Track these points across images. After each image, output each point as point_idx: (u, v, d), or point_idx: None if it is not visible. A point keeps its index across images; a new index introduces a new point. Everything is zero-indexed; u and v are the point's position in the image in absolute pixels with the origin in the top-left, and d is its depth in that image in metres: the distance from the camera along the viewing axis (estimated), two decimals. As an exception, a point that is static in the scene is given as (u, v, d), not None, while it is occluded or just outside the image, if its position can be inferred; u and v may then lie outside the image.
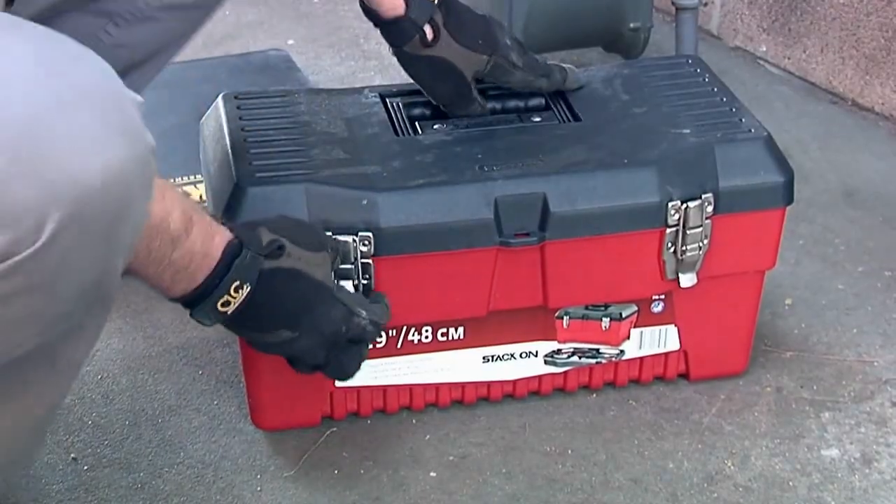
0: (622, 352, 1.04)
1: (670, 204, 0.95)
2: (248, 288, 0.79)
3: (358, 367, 0.90)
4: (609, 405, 1.04)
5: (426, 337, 0.99)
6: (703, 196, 0.96)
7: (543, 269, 0.96)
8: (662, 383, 1.06)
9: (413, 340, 0.99)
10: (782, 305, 1.16)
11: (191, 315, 0.80)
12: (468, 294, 0.96)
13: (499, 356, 1.02)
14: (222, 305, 0.79)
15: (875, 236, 1.27)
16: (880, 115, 1.49)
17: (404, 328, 0.98)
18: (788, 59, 1.59)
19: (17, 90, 0.55)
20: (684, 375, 1.06)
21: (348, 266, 0.91)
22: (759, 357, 1.09)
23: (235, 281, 0.78)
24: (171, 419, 1.03)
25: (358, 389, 1.00)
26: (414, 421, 1.02)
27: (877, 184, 1.36)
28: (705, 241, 0.98)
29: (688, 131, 1.00)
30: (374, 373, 0.99)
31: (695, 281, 0.98)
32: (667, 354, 1.05)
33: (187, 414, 1.03)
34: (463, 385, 1.03)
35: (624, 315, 1.02)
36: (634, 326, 1.03)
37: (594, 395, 1.05)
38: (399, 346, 0.99)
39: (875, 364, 1.09)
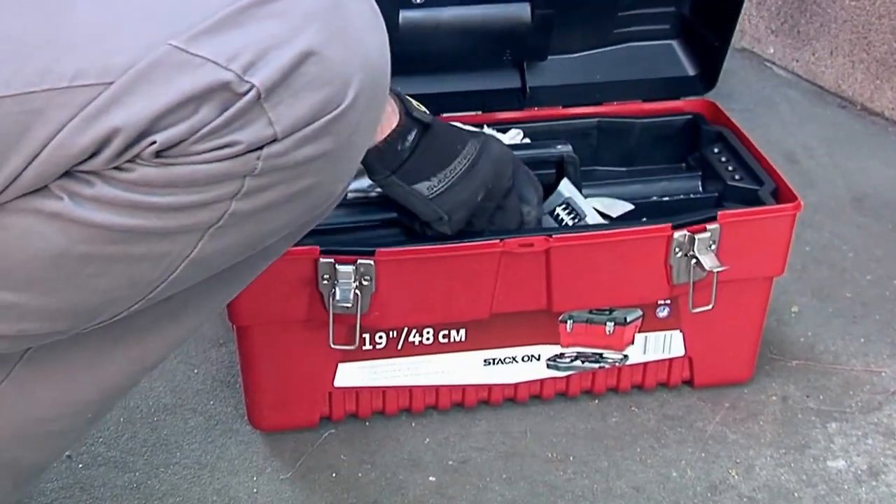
0: (626, 357, 1.02)
1: None
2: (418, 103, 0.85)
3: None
4: (612, 411, 1.03)
5: (427, 338, 0.98)
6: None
7: (548, 271, 0.95)
8: (666, 390, 1.05)
9: (414, 342, 0.98)
10: (789, 313, 1.15)
11: (412, 115, 0.85)
12: (471, 296, 0.95)
13: (500, 359, 1.00)
14: (417, 108, 0.85)
15: (883, 244, 1.25)
16: (890, 120, 1.47)
17: (405, 329, 0.97)
18: (797, 61, 1.58)
19: None
20: (688, 382, 1.05)
21: (348, 268, 0.90)
22: (765, 365, 1.08)
23: (404, 96, 0.85)
24: (167, 418, 1.01)
25: (357, 390, 0.99)
26: (413, 424, 1.01)
27: (886, 190, 1.35)
28: (713, 247, 0.96)
29: None
30: (373, 373, 0.98)
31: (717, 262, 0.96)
32: (671, 360, 1.04)
33: (183, 414, 1.02)
34: (463, 388, 1.01)
35: (628, 320, 1.01)
36: (639, 331, 1.01)
37: (596, 401, 1.04)
38: (399, 347, 0.97)
39: (883, 374, 1.08)
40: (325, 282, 0.91)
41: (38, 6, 0.58)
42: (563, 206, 1.01)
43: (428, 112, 0.88)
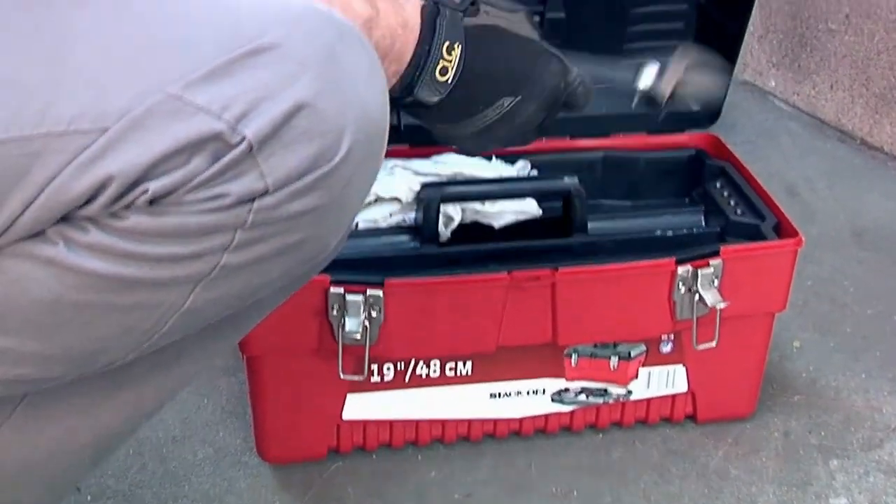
0: (630, 392, 1.03)
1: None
2: (460, 47, 0.75)
3: None
4: (615, 446, 1.03)
5: (434, 371, 0.99)
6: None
7: (554, 304, 0.96)
8: (669, 425, 1.06)
9: (421, 374, 0.98)
10: (790, 348, 1.16)
11: (414, 96, 0.75)
12: (478, 328, 0.96)
13: (506, 393, 1.01)
14: (441, 74, 0.75)
15: (884, 278, 1.26)
16: (889, 154, 1.49)
17: (413, 361, 0.98)
18: (797, 95, 1.59)
19: (311, 24, 0.60)
20: (692, 417, 1.06)
21: (358, 298, 0.90)
22: (767, 400, 1.09)
23: (445, 41, 0.74)
24: (176, 450, 1.02)
25: (364, 423, 1.00)
26: (419, 457, 1.02)
27: (885, 224, 1.36)
28: (716, 282, 0.97)
29: None
30: (381, 406, 0.99)
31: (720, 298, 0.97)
32: (674, 395, 1.04)
33: (192, 445, 1.02)
34: (469, 422, 1.02)
35: (633, 354, 1.02)
36: (643, 366, 1.02)
37: (600, 435, 1.04)
38: (407, 379, 0.98)
39: (884, 411, 1.08)
40: (335, 312, 0.91)
41: (37, 48, 0.58)
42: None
43: (452, 79, 0.75)
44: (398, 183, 1.04)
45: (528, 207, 1.06)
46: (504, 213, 1.05)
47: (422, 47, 0.73)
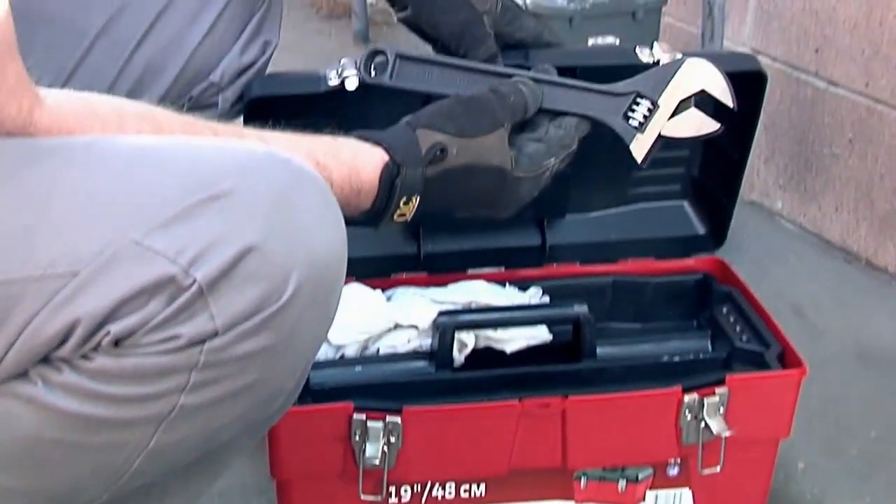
0: (637, 515, 1.06)
1: None
2: (417, 197, 0.81)
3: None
4: (624, 568, 1.05)
5: (449, 493, 1.01)
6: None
7: (564, 430, 0.99)
8: (676, 547, 1.08)
9: (437, 496, 1.01)
10: (795, 468, 1.17)
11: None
12: (491, 452, 0.99)
13: (518, 514, 1.04)
14: (398, 216, 0.81)
15: (889, 399, 1.27)
16: (893, 275, 1.51)
17: (428, 483, 1.01)
18: (804, 216, 1.63)
19: (267, 170, 0.63)
20: (698, 540, 1.08)
21: (378, 425, 0.95)
22: (773, 523, 1.10)
23: (402, 197, 0.80)
24: (204, 572, 1.04)
25: (381, 544, 1.03)
26: (434, 578, 1.04)
27: (890, 345, 1.37)
28: (721, 410, 1.01)
29: None
30: (398, 528, 1.02)
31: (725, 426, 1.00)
32: (681, 518, 1.07)
33: (220, 567, 1.05)
34: (483, 544, 1.05)
35: (640, 478, 1.04)
36: (650, 489, 1.04)
37: (609, 557, 1.06)
38: (423, 501, 1.01)
39: (888, 538, 1.10)
40: (357, 438, 0.95)
41: (26, 200, 0.61)
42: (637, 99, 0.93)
43: (410, 217, 0.83)
44: (417, 311, 1.09)
45: (539, 333, 1.11)
46: (516, 339, 1.10)
47: (379, 203, 0.79)
